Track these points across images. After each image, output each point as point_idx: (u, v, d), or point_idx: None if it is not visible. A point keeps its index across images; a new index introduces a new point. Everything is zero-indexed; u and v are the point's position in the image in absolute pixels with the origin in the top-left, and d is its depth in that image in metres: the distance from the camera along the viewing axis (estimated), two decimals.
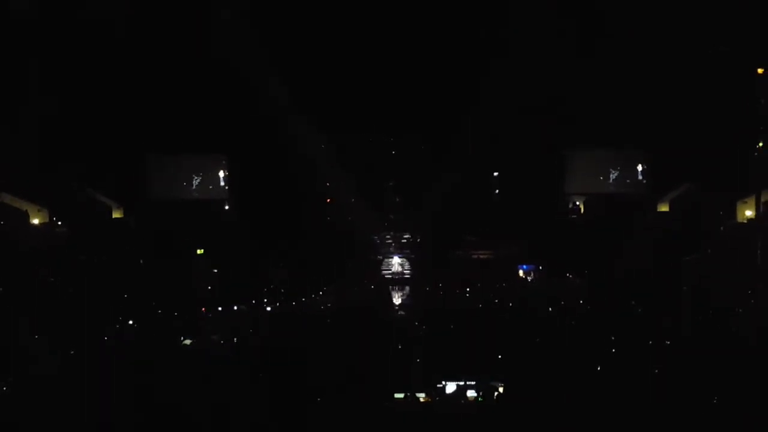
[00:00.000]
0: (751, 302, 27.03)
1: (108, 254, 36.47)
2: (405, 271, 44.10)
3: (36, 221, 36.72)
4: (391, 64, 39.16)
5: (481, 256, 42.56)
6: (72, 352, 21.41)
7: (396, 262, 44.38)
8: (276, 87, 36.93)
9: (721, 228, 34.98)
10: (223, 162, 42.00)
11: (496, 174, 44.01)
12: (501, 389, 18.74)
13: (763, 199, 31.56)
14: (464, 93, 38.03)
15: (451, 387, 19.01)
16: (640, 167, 40.97)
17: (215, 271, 38.68)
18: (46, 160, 35.26)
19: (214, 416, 15.79)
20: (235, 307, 33.69)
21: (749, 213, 33.40)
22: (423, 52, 38.61)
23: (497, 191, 43.92)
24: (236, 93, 37.17)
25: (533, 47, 34.74)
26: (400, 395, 17.80)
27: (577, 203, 42.26)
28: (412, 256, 44.17)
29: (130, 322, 29.24)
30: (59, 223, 37.98)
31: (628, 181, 41.28)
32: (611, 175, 41.27)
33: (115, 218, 41.02)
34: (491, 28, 37.18)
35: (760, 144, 33.24)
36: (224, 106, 38.05)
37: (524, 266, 42.02)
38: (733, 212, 34.82)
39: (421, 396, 18.12)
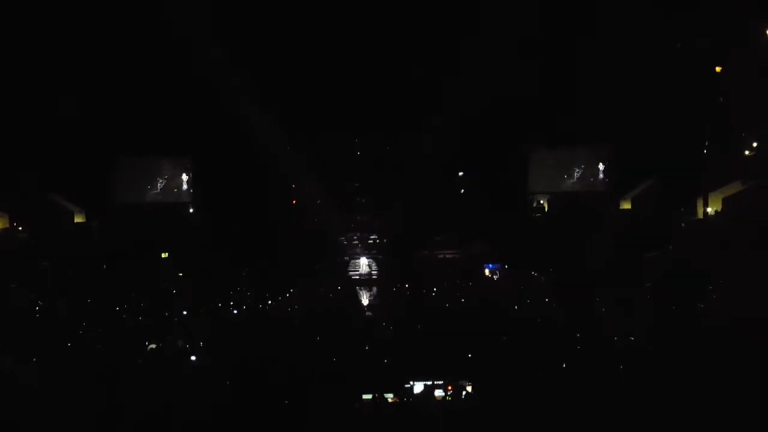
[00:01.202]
0: (712, 297, 27.44)
1: (70, 259, 36.02)
2: (372, 272, 44.12)
3: None
4: (355, 64, 39.18)
5: (447, 256, 42.75)
6: (34, 359, 21.09)
7: (363, 263, 44.38)
8: (240, 89, 36.72)
9: (682, 224, 35.51)
10: (188, 165, 41.71)
11: (461, 174, 44.24)
12: (469, 388, 18.81)
13: (723, 195, 32.09)
14: (429, 93, 38.17)
15: (418, 387, 19.04)
16: (602, 165, 41.45)
17: (180, 274, 38.37)
18: (6, 164, 34.73)
19: (180, 421, 15.68)
20: (201, 311, 33.40)
21: (709, 209, 33.94)
22: (387, 52, 38.68)
23: (462, 191, 44.14)
24: (200, 95, 36.91)
25: (497, 47, 34.94)
26: (368, 396, 17.80)
27: (541, 201, 42.65)
28: (380, 256, 44.21)
29: (94, 326, 28.86)
30: (20, 228, 37.46)
31: (591, 179, 41.76)
32: (575, 174, 41.71)
33: (78, 222, 40.54)
34: (455, 28, 37.36)
35: (707, 143, 33.85)
36: (188, 108, 37.77)
37: (490, 265, 42.28)
38: (693, 209, 35.36)
39: (389, 396, 18.12)
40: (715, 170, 33.14)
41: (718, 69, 32.92)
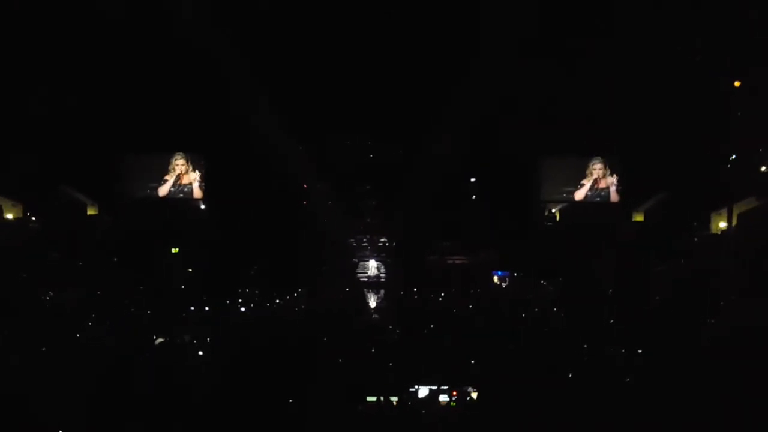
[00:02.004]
0: (723, 312, 27.24)
1: (81, 251, 36.19)
2: (381, 275, 44.10)
3: (10, 216, 36.38)
4: (369, 68, 39.17)
5: (457, 262, 42.70)
6: (43, 349, 21.14)
7: (372, 266, 44.38)
8: (253, 87, 36.79)
9: (695, 239, 35.32)
10: (200, 162, 41.83)
11: (473, 180, 44.17)
12: (474, 395, 18.73)
13: (738, 211, 31.91)
14: (442, 98, 38.13)
15: (423, 391, 18.99)
16: (615, 177, 41.27)
17: (189, 270, 38.47)
18: (21, 155, 34.90)
19: (182, 415, 15.68)
20: (208, 308, 33.48)
21: (723, 225, 33.75)
22: (401, 56, 38.66)
23: (474, 197, 44.06)
24: (213, 92, 36.99)
25: (514, 54, 34.88)
26: (372, 398, 17.77)
27: (553, 211, 42.50)
28: (388, 260, 44.20)
29: (103, 319, 28.97)
30: (33, 218, 37.64)
31: (604, 190, 41.56)
32: (588, 184, 41.52)
33: (90, 215, 40.72)
34: (468, 34, 37.31)
35: (733, 156, 33.63)
36: (201, 105, 37.85)
37: (499, 272, 42.20)
38: (707, 223, 35.18)
39: (394, 399, 18.07)
40: (730, 185, 32.96)
41: (737, 84, 32.74)
